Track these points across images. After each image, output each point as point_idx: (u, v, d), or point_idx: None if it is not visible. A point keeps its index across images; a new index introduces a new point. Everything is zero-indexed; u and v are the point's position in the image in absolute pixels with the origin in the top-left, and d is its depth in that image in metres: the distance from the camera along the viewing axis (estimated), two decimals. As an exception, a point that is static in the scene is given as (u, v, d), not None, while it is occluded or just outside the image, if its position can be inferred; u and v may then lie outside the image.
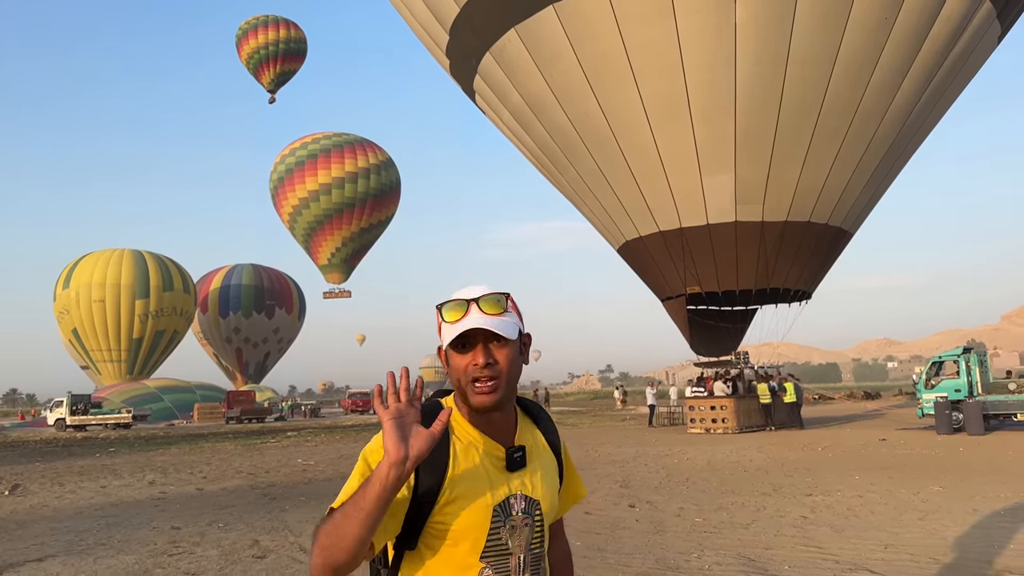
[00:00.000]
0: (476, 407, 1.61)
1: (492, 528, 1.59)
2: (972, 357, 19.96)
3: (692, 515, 8.79)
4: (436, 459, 1.57)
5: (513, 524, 1.62)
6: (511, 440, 1.69)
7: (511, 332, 1.61)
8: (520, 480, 1.66)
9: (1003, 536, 7.17)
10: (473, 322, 1.58)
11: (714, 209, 20.53)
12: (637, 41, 18.07)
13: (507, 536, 1.61)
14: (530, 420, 1.79)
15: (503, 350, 1.60)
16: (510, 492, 1.63)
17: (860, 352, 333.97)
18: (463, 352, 1.60)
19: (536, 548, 1.68)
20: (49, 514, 10.31)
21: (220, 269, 64.58)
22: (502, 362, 1.60)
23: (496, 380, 1.59)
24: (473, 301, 1.60)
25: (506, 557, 1.61)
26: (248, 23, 54.73)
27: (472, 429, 1.66)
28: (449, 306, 1.61)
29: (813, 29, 17.43)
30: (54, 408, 38.01)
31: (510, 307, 1.65)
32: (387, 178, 55.03)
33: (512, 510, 1.63)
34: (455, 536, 1.58)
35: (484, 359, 1.58)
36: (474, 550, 1.58)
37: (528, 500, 1.66)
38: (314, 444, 22.65)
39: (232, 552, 7.41)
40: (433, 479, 1.56)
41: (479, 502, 1.59)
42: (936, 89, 19.61)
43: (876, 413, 31.75)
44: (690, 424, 23.42)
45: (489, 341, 1.60)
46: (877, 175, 21.20)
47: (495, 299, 1.62)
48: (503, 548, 1.61)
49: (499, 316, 1.60)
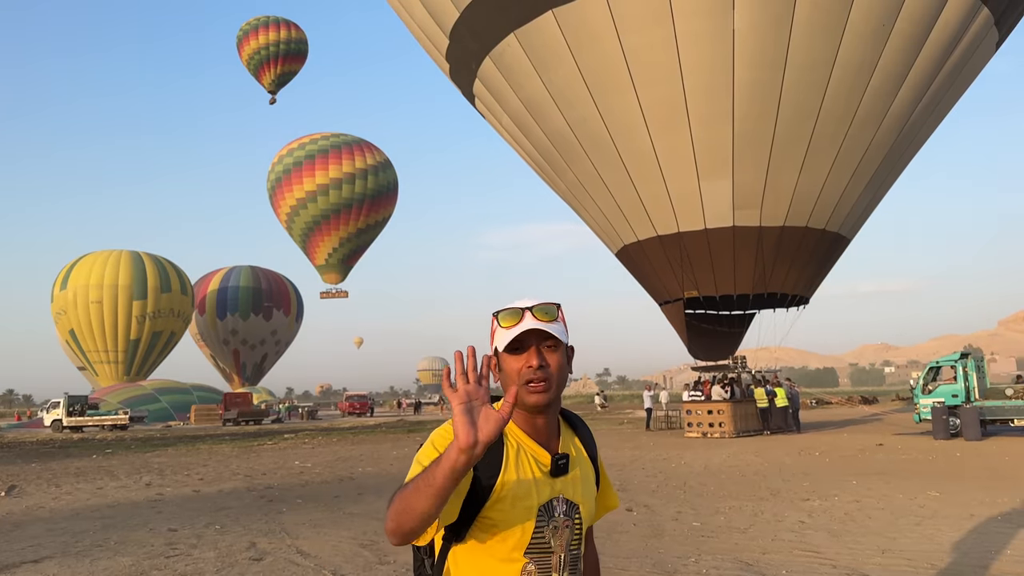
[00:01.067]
0: (530, 406, 1.72)
1: (536, 527, 1.70)
2: (969, 362, 20.00)
3: (689, 519, 8.79)
4: (492, 458, 1.67)
5: (556, 525, 1.73)
6: (555, 446, 1.79)
7: (563, 335, 1.75)
8: (563, 484, 1.77)
9: (1000, 541, 7.18)
10: (528, 325, 1.70)
11: (712, 214, 20.56)
12: (635, 46, 18.11)
13: (550, 535, 1.72)
14: (571, 430, 1.90)
15: (554, 355, 1.73)
16: (553, 495, 1.74)
17: (857, 357, 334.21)
18: (517, 355, 1.72)
19: (575, 549, 1.79)
20: (45, 515, 10.29)
21: (218, 271, 64.59)
22: (552, 365, 1.73)
23: (547, 381, 1.71)
24: (528, 309, 1.72)
25: (548, 555, 1.72)
26: (249, 24, 54.87)
27: (521, 433, 1.77)
28: (505, 313, 1.73)
29: (811, 34, 17.48)
30: (51, 409, 37.92)
31: (560, 317, 1.77)
32: (384, 179, 55.15)
33: (555, 511, 1.74)
34: (502, 531, 1.68)
35: (538, 361, 1.70)
36: (519, 546, 1.69)
37: (569, 504, 1.77)
38: (311, 446, 22.63)
39: (229, 554, 7.40)
40: (488, 477, 1.67)
41: (526, 502, 1.69)
42: (934, 95, 19.66)
43: (873, 418, 31.78)
44: (687, 428, 23.42)
45: (541, 346, 1.72)
46: (875, 181, 21.24)
47: (548, 308, 1.74)
48: (546, 546, 1.72)
49: (551, 323, 1.72)
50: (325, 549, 7.53)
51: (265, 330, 63.62)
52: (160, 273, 52.08)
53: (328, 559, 7.08)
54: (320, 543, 7.83)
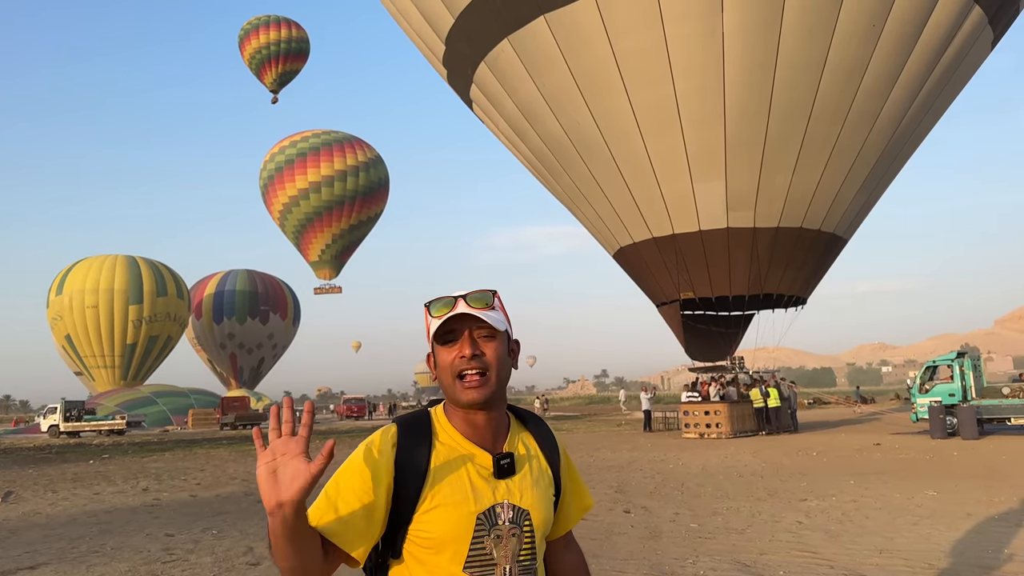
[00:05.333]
0: (466, 403, 1.58)
1: (475, 537, 1.54)
2: (966, 362, 20.04)
3: (687, 520, 8.79)
4: (415, 465, 1.55)
5: (499, 533, 1.57)
6: (500, 447, 1.64)
7: (498, 323, 1.61)
8: (507, 488, 1.61)
9: (997, 540, 7.19)
10: (459, 311, 1.58)
11: (706, 215, 20.60)
12: (626, 49, 18.16)
13: (491, 546, 1.56)
14: (524, 428, 1.75)
15: (491, 343, 1.60)
16: (495, 500, 1.58)
17: (854, 356, 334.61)
18: (449, 346, 1.59)
19: (526, 560, 1.60)
20: (42, 521, 10.25)
21: (214, 275, 64.47)
22: (489, 354, 1.59)
23: (485, 374, 1.57)
24: (460, 297, 1.60)
25: (490, 568, 1.55)
26: (251, 23, 54.90)
27: (457, 434, 1.62)
28: (437, 303, 1.61)
29: (801, 35, 17.52)
30: (47, 414, 37.79)
31: (497, 305, 1.64)
32: (375, 175, 55.32)
33: (498, 519, 1.57)
34: (436, 544, 1.53)
35: (471, 350, 1.57)
36: (456, 559, 1.53)
37: (516, 509, 1.60)
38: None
39: (226, 559, 7.38)
40: (412, 486, 1.54)
41: (461, 510, 1.54)
42: (928, 95, 19.71)
43: (871, 417, 31.82)
44: (684, 429, 23.43)
45: (475, 334, 1.59)
46: (870, 181, 21.28)
47: (481, 295, 1.61)
48: (487, 558, 1.55)
49: (485, 310, 1.59)
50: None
51: (262, 334, 63.53)
52: (156, 277, 51.96)
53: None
54: (317, 547, 7.80)
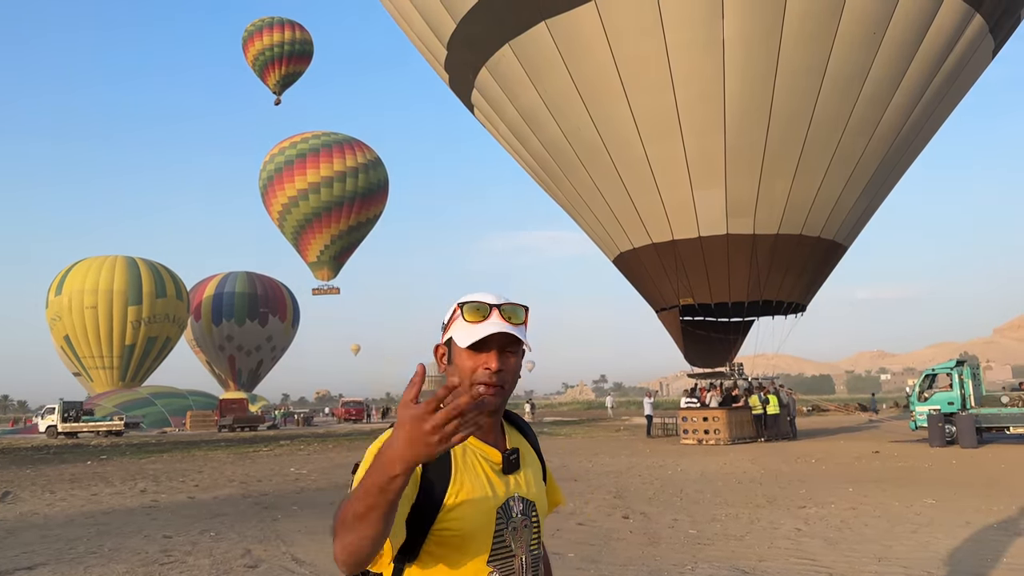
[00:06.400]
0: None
1: (496, 530, 1.60)
2: (965, 370, 20.04)
3: (686, 526, 8.78)
4: (439, 465, 1.56)
5: (515, 526, 1.63)
6: (501, 444, 1.70)
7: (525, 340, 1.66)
8: (516, 482, 1.68)
9: (996, 549, 7.19)
10: (497, 327, 1.59)
11: (705, 221, 20.62)
12: (627, 56, 18.20)
13: (510, 538, 1.62)
14: (513, 427, 1.81)
15: (512, 358, 1.64)
16: (508, 494, 1.65)
17: (853, 364, 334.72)
18: (476, 353, 1.61)
19: (535, 549, 1.70)
20: (39, 522, 10.24)
21: (213, 276, 64.46)
22: (509, 370, 1.63)
23: (503, 386, 1.62)
24: (496, 307, 1.62)
25: (510, 559, 1.62)
26: (255, 24, 55.01)
27: None
28: (471, 306, 1.62)
29: (801, 43, 17.56)
30: (45, 415, 37.75)
31: (525, 320, 1.67)
32: (375, 177, 55.38)
33: (512, 511, 1.64)
34: (462, 541, 1.56)
35: (498, 365, 1.60)
36: (482, 554, 1.58)
37: (525, 501, 1.68)
38: (307, 453, 22.55)
39: (224, 561, 7.37)
40: (438, 485, 1.55)
41: (483, 505, 1.58)
42: (929, 102, 19.74)
43: (869, 425, 31.80)
44: (683, 435, 23.42)
45: (505, 349, 1.62)
46: (870, 188, 21.30)
47: (517, 309, 1.65)
48: (507, 550, 1.61)
49: (518, 326, 1.63)
50: (320, 557, 7.50)
51: (261, 336, 63.49)
52: (155, 278, 51.94)
53: (323, 567, 7.06)
54: (315, 551, 7.80)
